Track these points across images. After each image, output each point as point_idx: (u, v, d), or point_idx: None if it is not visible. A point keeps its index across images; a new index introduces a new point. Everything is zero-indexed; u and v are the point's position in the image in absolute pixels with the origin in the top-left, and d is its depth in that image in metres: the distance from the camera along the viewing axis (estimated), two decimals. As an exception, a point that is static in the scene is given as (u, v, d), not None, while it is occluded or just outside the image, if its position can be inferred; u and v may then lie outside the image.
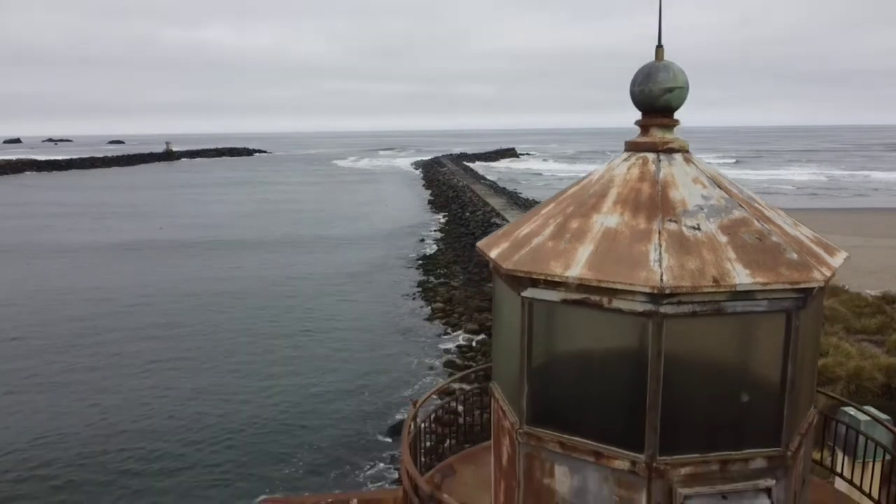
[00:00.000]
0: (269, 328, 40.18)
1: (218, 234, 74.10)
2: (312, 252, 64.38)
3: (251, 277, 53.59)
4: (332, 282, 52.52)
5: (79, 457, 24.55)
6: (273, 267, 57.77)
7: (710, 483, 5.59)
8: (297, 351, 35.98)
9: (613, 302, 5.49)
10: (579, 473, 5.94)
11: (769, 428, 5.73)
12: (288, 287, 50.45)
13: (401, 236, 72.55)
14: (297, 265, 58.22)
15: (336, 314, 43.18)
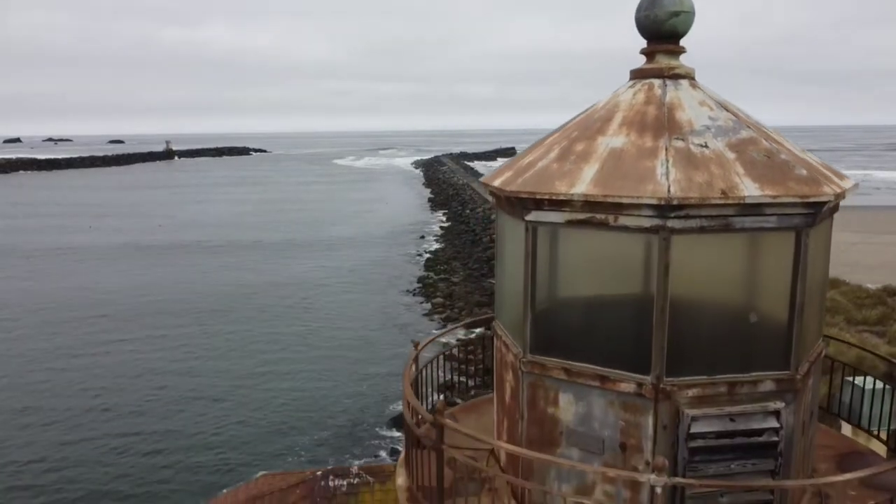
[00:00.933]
0: (270, 323, 40.06)
1: (217, 232, 73.93)
2: (312, 249, 64.27)
3: (252, 274, 53.46)
4: (332, 278, 52.42)
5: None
6: (273, 263, 57.67)
7: (718, 405, 5.49)
8: (297, 344, 35.89)
9: (619, 219, 5.38)
10: (584, 400, 5.83)
11: (778, 351, 5.63)
12: (287, 283, 50.32)
13: (401, 234, 72.48)
14: (296, 262, 58.11)
15: (336, 309, 43.07)
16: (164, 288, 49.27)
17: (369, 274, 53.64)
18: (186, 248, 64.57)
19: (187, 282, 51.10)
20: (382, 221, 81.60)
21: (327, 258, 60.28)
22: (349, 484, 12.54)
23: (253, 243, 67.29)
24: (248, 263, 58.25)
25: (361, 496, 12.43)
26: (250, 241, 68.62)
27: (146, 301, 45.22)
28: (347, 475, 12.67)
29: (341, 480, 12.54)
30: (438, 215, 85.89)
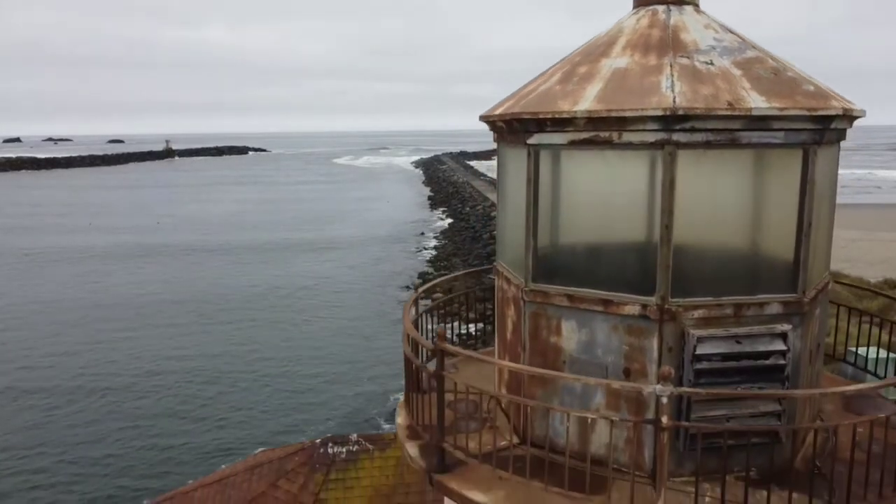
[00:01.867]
0: (271, 318, 40.03)
1: (218, 230, 73.87)
2: (313, 246, 64.26)
3: (253, 270, 53.46)
4: (333, 274, 52.43)
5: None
6: (274, 260, 57.67)
7: (724, 326, 5.38)
8: (299, 339, 35.89)
9: (623, 135, 5.28)
10: (587, 326, 5.73)
11: (785, 273, 5.53)
12: (289, 278, 50.31)
13: (402, 231, 72.49)
14: (297, 259, 58.12)
15: (336, 305, 43.07)
16: (169, 283, 49.20)
17: (370, 270, 53.66)
18: (186, 247, 64.40)
19: (189, 278, 51.05)
20: (383, 219, 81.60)
21: (328, 255, 60.30)
22: (348, 451, 12.44)
23: (252, 241, 67.25)
24: (248, 260, 58.21)
25: (361, 463, 12.34)
26: (250, 238, 68.59)
27: (147, 296, 45.15)
28: (346, 443, 12.57)
29: (340, 448, 12.45)
30: (438, 213, 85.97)
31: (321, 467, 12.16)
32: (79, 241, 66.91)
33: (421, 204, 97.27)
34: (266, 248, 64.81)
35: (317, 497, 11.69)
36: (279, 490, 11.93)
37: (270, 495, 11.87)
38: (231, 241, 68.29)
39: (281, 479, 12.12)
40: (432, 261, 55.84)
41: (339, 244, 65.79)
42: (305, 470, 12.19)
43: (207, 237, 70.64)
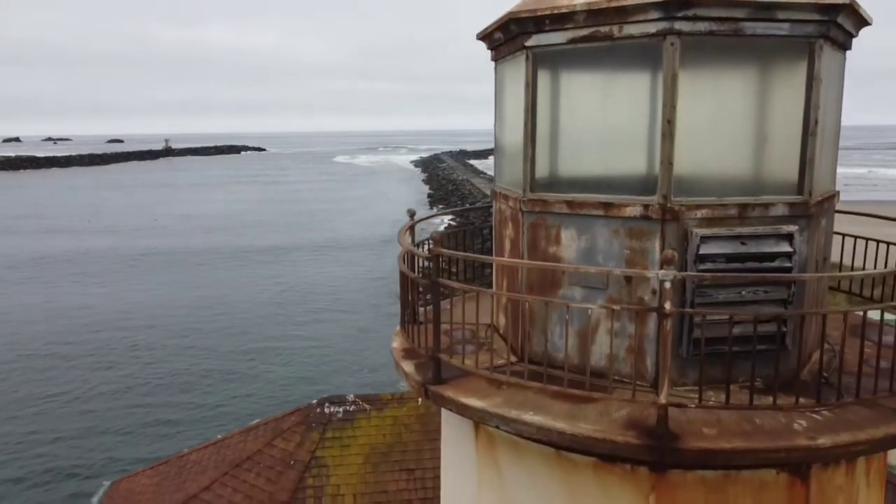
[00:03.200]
0: (269, 310, 39.96)
1: (221, 227, 73.77)
2: (312, 244, 64.22)
3: (254, 264, 53.36)
4: (329, 268, 52.38)
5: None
6: (273, 253, 57.56)
7: (729, 226, 5.22)
8: (293, 331, 35.77)
9: (624, 28, 5.12)
10: (587, 233, 5.57)
11: (790, 174, 5.37)
12: (286, 270, 50.25)
13: (401, 227, 72.29)
14: (295, 252, 58.04)
15: (333, 298, 42.99)
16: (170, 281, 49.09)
17: (368, 264, 53.62)
18: (188, 248, 64.23)
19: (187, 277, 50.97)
20: (382, 216, 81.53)
21: (326, 252, 60.24)
22: (345, 411, 12.29)
23: (255, 236, 67.20)
24: (251, 253, 58.10)
25: (358, 422, 12.20)
26: (254, 234, 68.57)
27: (151, 302, 44.98)
28: (344, 403, 12.42)
29: (337, 408, 12.30)
30: (437, 210, 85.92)
31: (317, 426, 12.01)
32: (75, 242, 66.86)
33: (420, 202, 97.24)
34: (266, 240, 64.72)
35: (313, 455, 11.55)
36: (275, 448, 11.80)
37: (266, 453, 11.73)
38: (226, 240, 68.22)
39: (277, 439, 11.98)
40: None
41: (338, 240, 65.76)
42: (301, 429, 12.04)
43: (208, 235, 70.61)
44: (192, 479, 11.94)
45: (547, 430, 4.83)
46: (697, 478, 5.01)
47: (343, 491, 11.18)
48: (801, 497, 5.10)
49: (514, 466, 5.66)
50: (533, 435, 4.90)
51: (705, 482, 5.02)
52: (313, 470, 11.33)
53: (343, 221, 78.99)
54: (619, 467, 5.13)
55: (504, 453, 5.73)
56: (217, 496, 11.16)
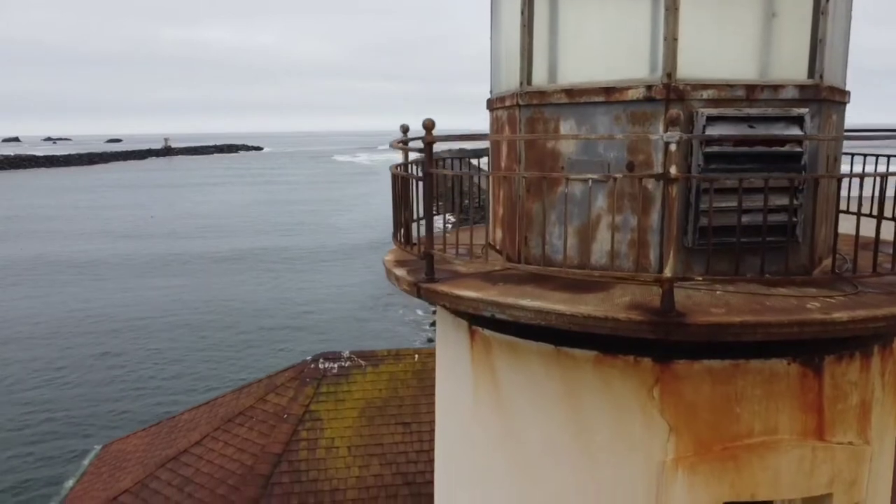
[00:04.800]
0: (266, 299, 39.80)
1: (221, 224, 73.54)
2: (313, 237, 64.07)
3: (251, 258, 53.18)
4: (328, 259, 52.23)
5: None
6: (272, 247, 57.42)
7: (736, 106, 4.96)
8: (287, 322, 35.63)
9: None
10: (587, 123, 5.30)
11: (800, 55, 5.10)
12: (284, 262, 50.06)
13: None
14: (296, 245, 57.92)
15: (332, 287, 42.85)
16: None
17: (366, 257, 53.46)
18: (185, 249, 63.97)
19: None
20: (381, 212, 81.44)
21: (326, 242, 60.11)
22: (340, 367, 12.02)
23: (256, 231, 66.95)
24: (248, 246, 57.85)
25: (353, 377, 11.92)
26: (254, 229, 68.33)
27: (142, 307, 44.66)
28: (338, 359, 12.15)
29: (332, 364, 12.02)
30: (437, 206, 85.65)
31: (311, 381, 11.74)
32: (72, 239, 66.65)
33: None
34: (268, 235, 64.61)
35: (307, 408, 11.28)
36: (267, 403, 11.53)
37: (258, 408, 11.46)
38: (231, 233, 68.04)
39: (270, 394, 11.71)
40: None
41: (337, 232, 65.60)
42: (295, 384, 11.77)
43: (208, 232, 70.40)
44: (183, 436, 11.67)
45: (545, 314, 4.56)
46: (704, 368, 4.75)
47: (338, 444, 10.91)
48: (814, 390, 4.84)
49: (511, 370, 5.40)
50: (531, 320, 4.63)
51: (712, 373, 4.76)
52: (307, 423, 11.06)
53: (348, 214, 78.92)
54: (620, 360, 4.87)
55: (500, 357, 5.47)
56: (208, 450, 10.90)
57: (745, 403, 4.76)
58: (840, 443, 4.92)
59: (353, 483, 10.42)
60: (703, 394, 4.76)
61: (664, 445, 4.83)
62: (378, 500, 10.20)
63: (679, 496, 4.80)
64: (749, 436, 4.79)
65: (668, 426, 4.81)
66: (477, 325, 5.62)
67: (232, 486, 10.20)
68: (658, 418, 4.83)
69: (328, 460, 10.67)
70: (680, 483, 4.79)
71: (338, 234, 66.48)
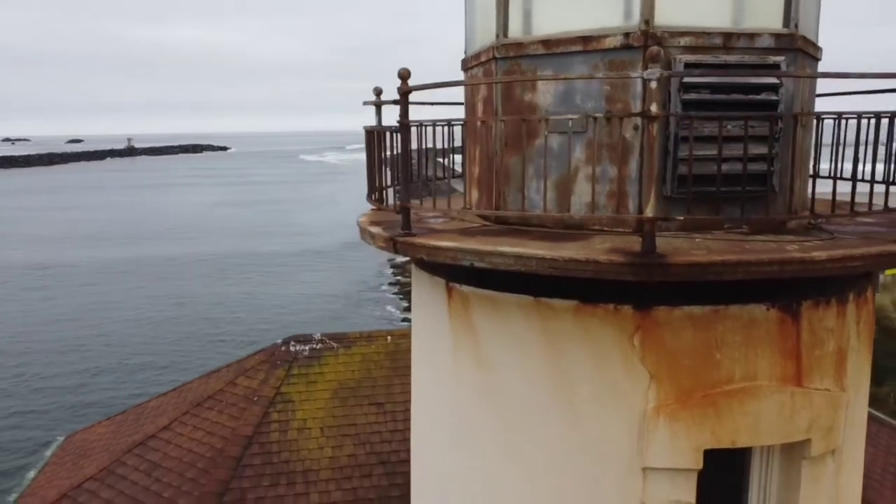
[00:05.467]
0: (235, 296, 39.32)
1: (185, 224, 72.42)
2: (284, 236, 63.47)
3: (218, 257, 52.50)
4: (299, 260, 51.74)
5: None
6: (239, 247, 56.71)
7: (713, 53, 4.95)
8: (255, 319, 35.26)
9: None
10: (565, 73, 5.24)
11: (775, 4, 5.11)
12: (253, 262, 49.52)
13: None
14: (263, 244, 57.30)
15: (301, 285, 42.49)
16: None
17: (337, 255, 53.18)
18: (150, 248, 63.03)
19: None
20: (350, 211, 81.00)
21: (294, 242, 59.62)
22: (311, 349, 11.82)
23: (222, 232, 66.06)
24: (223, 249, 57.01)
25: (325, 359, 11.74)
26: (222, 229, 67.40)
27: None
28: (310, 341, 11.95)
29: (303, 346, 11.83)
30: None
31: (282, 364, 11.54)
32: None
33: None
34: (238, 236, 63.80)
35: (278, 391, 11.07)
36: (237, 387, 11.29)
37: (228, 392, 11.22)
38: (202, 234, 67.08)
39: (239, 378, 11.47)
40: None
41: (305, 234, 65.13)
42: (266, 367, 11.56)
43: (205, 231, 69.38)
44: (150, 421, 11.37)
45: (525, 259, 4.49)
46: (684, 314, 4.73)
47: (310, 425, 10.72)
48: (792, 336, 4.85)
49: (490, 324, 5.32)
50: (510, 266, 4.55)
51: (692, 319, 4.74)
52: (278, 405, 10.85)
53: (318, 214, 78.33)
54: (601, 308, 4.83)
55: (479, 312, 5.39)
56: (176, 434, 10.62)
57: (725, 350, 4.75)
58: (818, 389, 4.94)
59: (327, 463, 10.24)
60: (683, 340, 4.74)
61: (645, 394, 4.80)
62: (352, 480, 10.05)
63: (661, 444, 4.78)
64: (729, 382, 4.78)
65: (649, 374, 4.79)
66: (454, 282, 5.54)
67: (201, 469, 9.95)
68: (639, 366, 4.80)
69: (300, 441, 10.48)
70: (661, 431, 4.77)
71: (306, 233, 65.93)
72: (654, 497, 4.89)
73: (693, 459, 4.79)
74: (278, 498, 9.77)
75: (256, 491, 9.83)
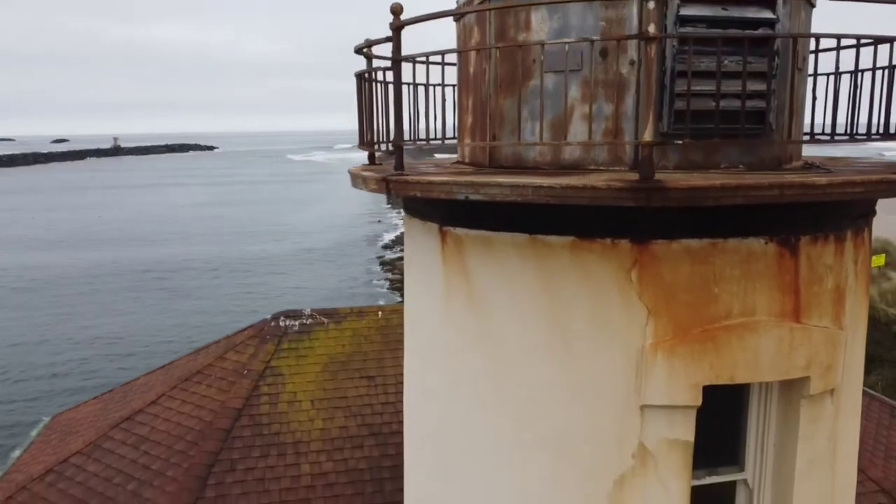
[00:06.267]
0: (231, 295, 39.01)
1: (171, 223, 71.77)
2: (273, 236, 63.17)
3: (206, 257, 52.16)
4: (289, 259, 51.53)
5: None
6: (232, 248, 56.36)
7: (710, -15, 4.89)
8: (244, 313, 35.05)
9: None
10: (558, 11, 5.17)
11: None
12: (245, 269, 49.23)
13: (359, 218, 71.83)
14: (254, 246, 57.00)
15: (293, 286, 42.24)
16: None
17: (326, 254, 53.11)
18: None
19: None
20: (338, 210, 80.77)
21: (283, 243, 59.49)
22: (301, 324, 11.70)
23: (210, 233, 65.59)
24: (213, 250, 56.60)
25: (315, 334, 11.62)
26: (212, 230, 66.91)
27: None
28: (300, 317, 11.82)
29: (293, 321, 11.70)
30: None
31: (272, 338, 11.40)
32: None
33: (378, 197, 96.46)
34: (227, 238, 63.46)
35: (267, 364, 10.94)
36: (227, 361, 11.15)
37: (217, 366, 11.07)
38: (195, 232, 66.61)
39: (229, 353, 11.33)
40: (390, 245, 55.54)
41: (293, 233, 64.97)
42: (255, 342, 11.43)
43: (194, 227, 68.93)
44: (138, 398, 11.20)
45: (521, 188, 4.40)
46: (682, 248, 4.67)
47: (300, 398, 10.59)
48: (791, 271, 4.80)
49: (485, 267, 5.24)
50: (506, 196, 4.46)
51: (690, 252, 4.68)
52: (268, 379, 10.71)
53: (307, 213, 78.02)
54: (598, 243, 4.76)
55: (473, 255, 5.30)
56: (165, 409, 10.45)
57: (723, 284, 4.70)
58: (816, 326, 4.90)
59: (318, 435, 10.10)
60: (681, 275, 4.68)
61: (643, 330, 4.74)
62: (343, 451, 9.92)
63: (659, 381, 4.71)
64: (727, 317, 4.72)
65: (647, 310, 4.72)
66: (448, 226, 5.45)
67: (190, 442, 9.79)
68: (636, 302, 4.73)
69: (290, 413, 10.33)
70: (659, 367, 4.70)
71: (294, 232, 65.67)
72: (653, 436, 4.83)
73: (692, 396, 4.73)
74: (269, 469, 9.64)
75: (246, 462, 9.70)
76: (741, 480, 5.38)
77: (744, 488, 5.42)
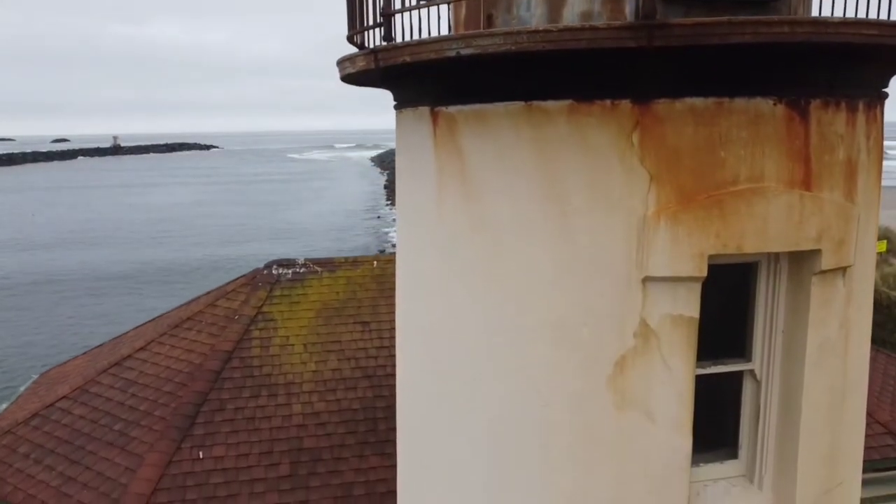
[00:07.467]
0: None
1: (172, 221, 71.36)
2: (271, 234, 62.97)
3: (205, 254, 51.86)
4: (289, 254, 51.46)
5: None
6: (230, 250, 56.12)
7: None
8: None
9: None
10: None
11: None
12: (238, 268, 49.08)
13: (358, 214, 71.76)
14: (249, 245, 56.79)
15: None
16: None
17: (323, 250, 52.93)
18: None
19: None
20: (338, 207, 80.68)
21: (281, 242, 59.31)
22: (294, 273, 11.44)
23: (208, 234, 65.27)
24: (207, 250, 56.23)
25: (308, 282, 11.36)
26: (208, 230, 66.57)
27: None
28: (293, 266, 11.57)
29: (286, 270, 11.44)
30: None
31: (264, 286, 11.15)
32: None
33: (379, 195, 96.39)
34: (225, 238, 63.17)
35: (259, 310, 10.69)
36: (217, 308, 10.90)
37: (208, 313, 10.82)
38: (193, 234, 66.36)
39: (220, 300, 11.07)
40: (389, 240, 55.49)
41: (293, 231, 64.75)
42: (247, 290, 11.17)
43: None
44: (127, 346, 10.94)
45: (515, 35, 4.15)
46: (686, 107, 4.41)
47: (293, 342, 10.34)
48: (801, 136, 4.54)
49: (478, 143, 4.97)
50: (499, 47, 4.20)
51: (694, 112, 4.41)
52: (260, 324, 10.46)
53: (308, 210, 77.86)
54: (597, 105, 4.49)
55: (466, 133, 5.04)
56: (154, 354, 10.19)
57: (730, 147, 4.44)
58: (828, 197, 4.64)
59: (310, 377, 9.84)
60: (685, 137, 4.42)
61: (645, 198, 4.48)
62: (336, 392, 9.66)
63: (662, 251, 4.45)
64: (734, 183, 4.46)
65: (649, 175, 4.46)
66: (440, 105, 5.19)
67: (179, 383, 9.53)
68: (638, 168, 4.47)
69: (282, 356, 10.08)
70: (662, 236, 4.44)
71: (293, 230, 65.42)
72: (655, 311, 4.57)
73: (697, 266, 4.47)
74: (259, 408, 9.39)
75: (236, 402, 9.45)
76: (748, 371, 5.13)
77: (751, 380, 5.16)
